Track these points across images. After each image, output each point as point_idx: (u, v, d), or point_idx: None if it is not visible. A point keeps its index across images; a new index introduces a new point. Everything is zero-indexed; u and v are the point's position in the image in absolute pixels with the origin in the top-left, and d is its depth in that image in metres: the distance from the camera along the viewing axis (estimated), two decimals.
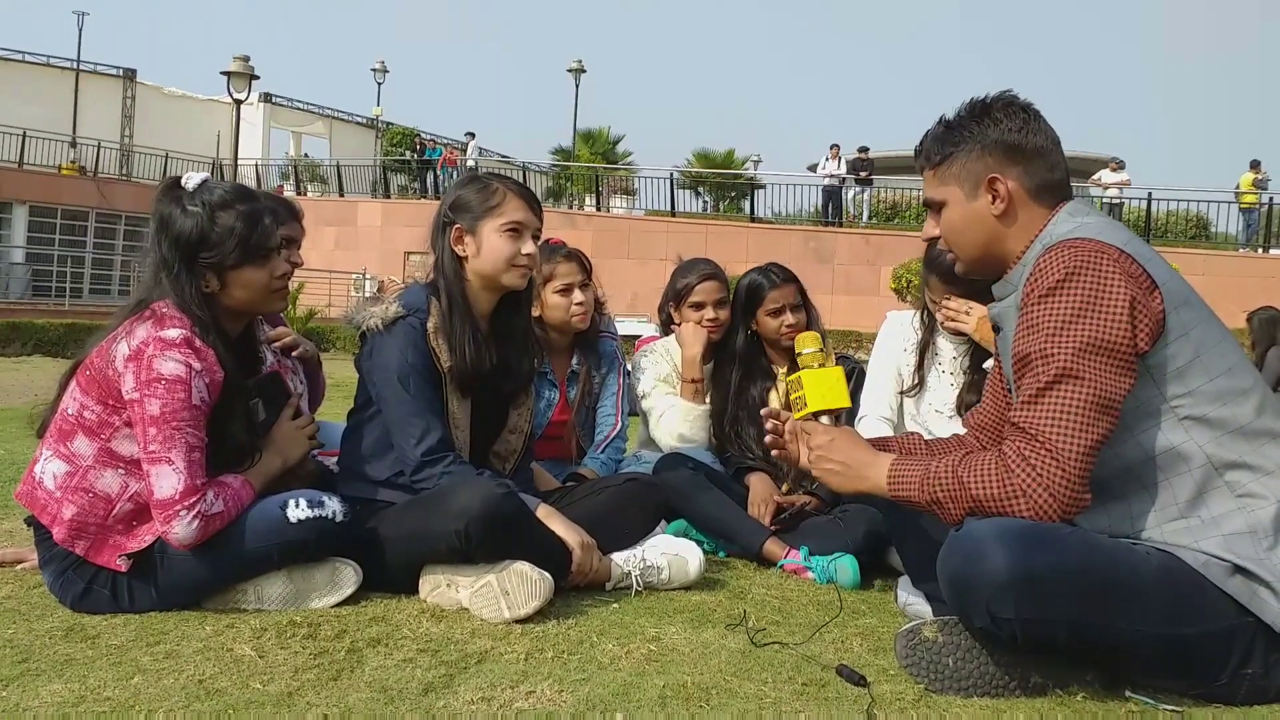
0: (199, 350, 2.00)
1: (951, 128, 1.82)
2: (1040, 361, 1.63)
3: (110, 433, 2.01)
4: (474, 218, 2.33)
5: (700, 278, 3.13)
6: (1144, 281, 1.64)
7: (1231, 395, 1.65)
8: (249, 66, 19.05)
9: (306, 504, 2.06)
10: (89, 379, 2.03)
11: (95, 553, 2.02)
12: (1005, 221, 1.79)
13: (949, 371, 2.80)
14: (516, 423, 2.50)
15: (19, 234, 23.72)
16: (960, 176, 1.80)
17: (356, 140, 30.18)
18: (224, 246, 2.07)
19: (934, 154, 1.84)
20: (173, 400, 1.95)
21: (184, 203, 2.08)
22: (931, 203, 1.87)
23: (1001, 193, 1.77)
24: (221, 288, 2.11)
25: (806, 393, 1.94)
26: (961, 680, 1.68)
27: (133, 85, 28.32)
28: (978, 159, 1.78)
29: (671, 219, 21.23)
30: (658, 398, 3.13)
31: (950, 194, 1.82)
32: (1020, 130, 1.77)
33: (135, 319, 2.03)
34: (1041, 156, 1.78)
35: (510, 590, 2.04)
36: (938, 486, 1.70)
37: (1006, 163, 1.77)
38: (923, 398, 2.82)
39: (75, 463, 2.02)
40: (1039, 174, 1.78)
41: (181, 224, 2.07)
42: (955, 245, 1.87)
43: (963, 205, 1.81)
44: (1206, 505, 1.64)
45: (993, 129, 1.78)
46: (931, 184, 1.86)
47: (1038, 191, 1.78)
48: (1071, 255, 1.64)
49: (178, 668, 1.73)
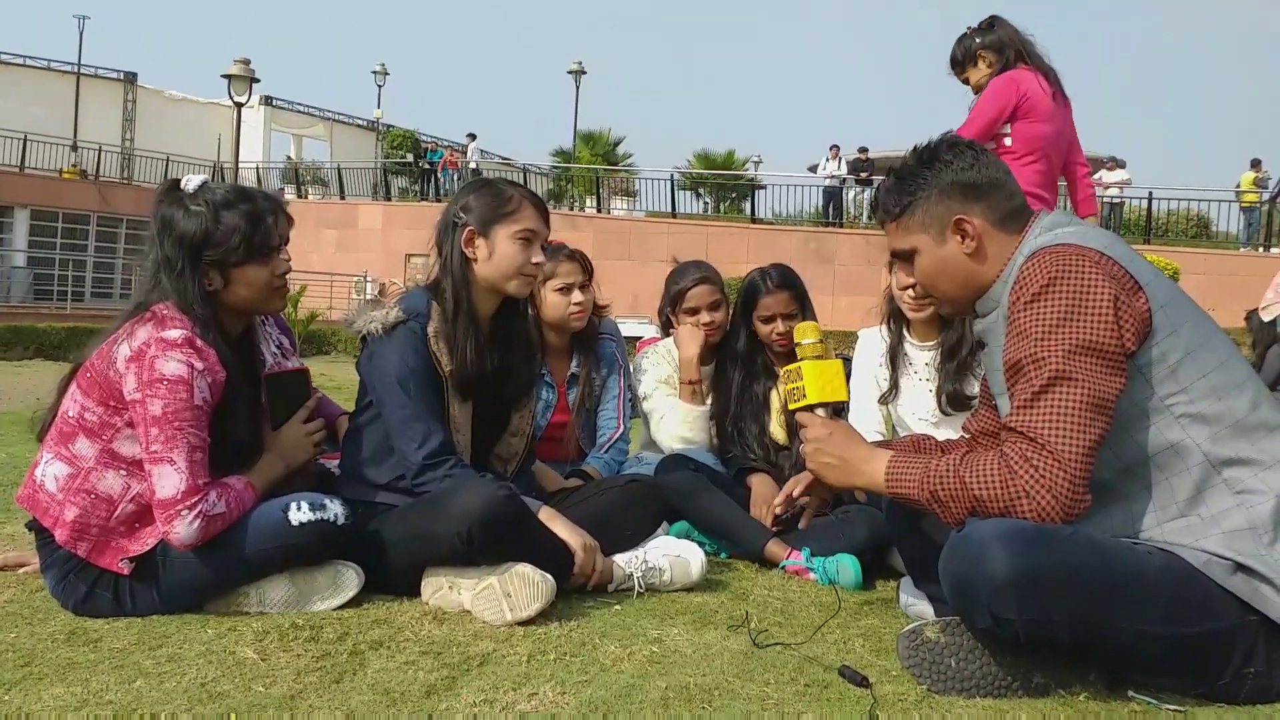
0: (200, 350, 2.01)
1: (904, 178, 1.84)
2: (1032, 366, 1.64)
3: (112, 434, 2.02)
4: (488, 221, 2.33)
5: (693, 282, 3.13)
6: (1127, 282, 1.65)
7: (1226, 390, 1.65)
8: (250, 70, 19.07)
9: (309, 506, 2.06)
10: (90, 381, 2.03)
11: (97, 555, 2.02)
12: (978, 259, 1.81)
13: (924, 379, 2.84)
14: (518, 425, 2.50)
15: (20, 237, 23.77)
16: (925, 223, 1.82)
17: (357, 143, 30.22)
18: (228, 244, 2.08)
19: (892, 206, 1.86)
20: (175, 400, 1.95)
21: (186, 203, 2.10)
22: (900, 253, 1.89)
23: (970, 231, 1.79)
24: (225, 285, 2.11)
25: (806, 384, 1.94)
26: (964, 681, 1.68)
27: (134, 89, 28.38)
28: (938, 203, 1.81)
29: (672, 220, 21.24)
30: (658, 399, 3.13)
31: (919, 242, 1.84)
32: (972, 167, 1.80)
33: (136, 321, 2.04)
34: (998, 188, 1.81)
35: (512, 592, 2.04)
36: (938, 485, 1.70)
37: (967, 201, 1.80)
38: (900, 404, 2.86)
39: (77, 464, 2.02)
40: (1000, 205, 1.80)
41: (185, 224, 2.08)
42: (935, 290, 1.89)
43: (934, 251, 1.83)
44: (1206, 503, 1.64)
45: (945, 171, 1.80)
46: (897, 236, 1.87)
47: (1002, 222, 1.81)
48: (1053, 261, 1.65)
49: (180, 671, 1.73)
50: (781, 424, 3.04)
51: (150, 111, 28.18)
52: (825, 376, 1.94)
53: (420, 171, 25.90)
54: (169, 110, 28.55)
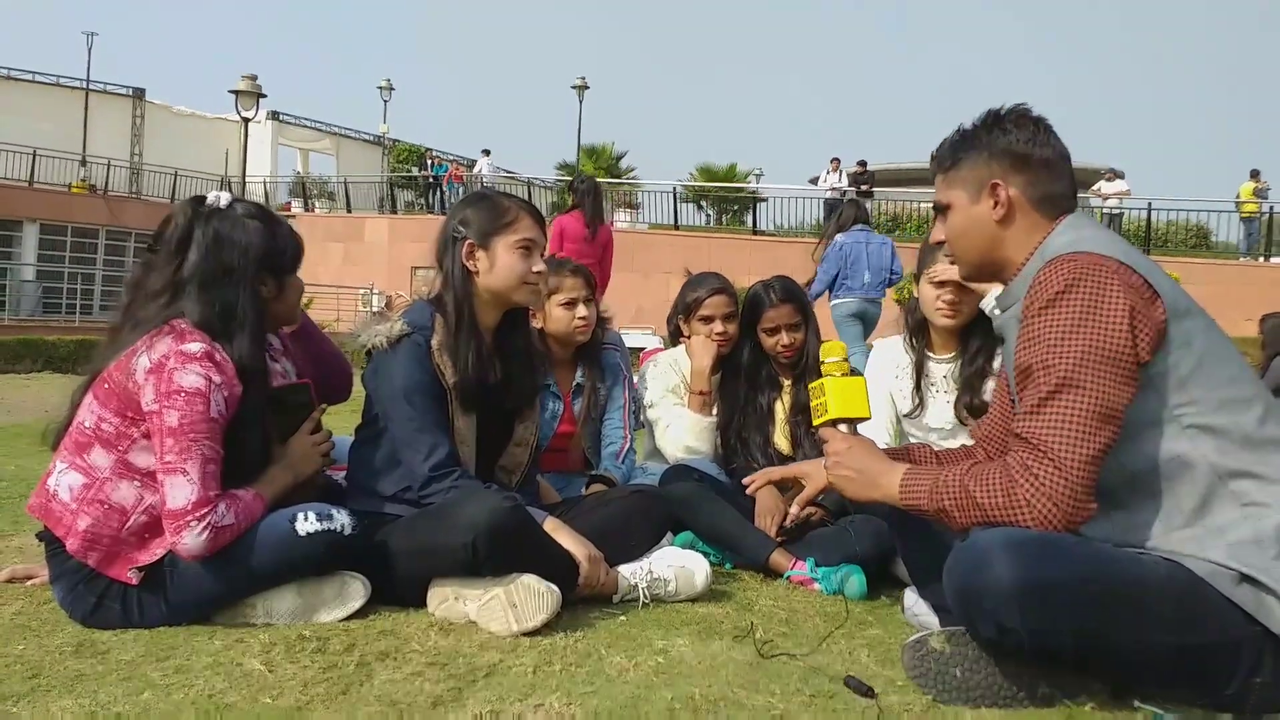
0: (219, 364, 2.04)
1: (965, 135, 1.88)
2: (1041, 372, 1.64)
3: (128, 445, 2.03)
4: (487, 234, 2.35)
5: (710, 291, 3.15)
6: (1145, 291, 1.65)
7: (1235, 404, 1.65)
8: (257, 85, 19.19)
9: (315, 517, 2.07)
10: (107, 392, 2.05)
11: (107, 565, 2.03)
12: (1004, 226, 1.83)
13: (942, 390, 2.84)
14: (522, 436, 2.50)
15: (29, 252, 23.83)
16: (967, 180, 1.86)
17: (363, 157, 30.29)
18: (288, 253, 2.20)
19: (945, 159, 1.90)
20: (191, 412, 1.98)
21: (239, 217, 2.15)
22: (939, 206, 1.92)
23: (1002, 198, 1.81)
24: (279, 294, 2.20)
25: (829, 399, 1.95)
26: (969, 691, 1.67)
27: (141, 104, 28.50)
28: (984, 165, 1.83)
29: (675, 232, 21.26)
30: (664, 409, 3.14)
31: (956, 197, 1.88)
32: (1028, 141, 1.82)
33: (155, 334, 2.06)
34: (1047, 168, 1.82)
35: (518, 603, 2.04)
36: (945, 495, 1.71)
37: (1011, 171, 1.82)
38: (922, 418, 2.85)
39: (92, 475, 2.04)
40: (1042, 185, 1.81)
41: (245, 236, 2.13)
42: (957, 249, 1.92)
43: (965, 209, 1.86)
44: (1212, 514, 1.64)
45: (1001, 138, 1.83)
46: (941, 188, 1.92)
47: (1039, 202, 1.81)
48: (1071, 268, 1.66)
49: (188, 683, 1.74)
50: (785, 435, 3.05)
51: (158, 127, 28.28)
52: (848, 392, 1.95)
53: (426, 185, 25.98)
54: (177, 125, 28.65)
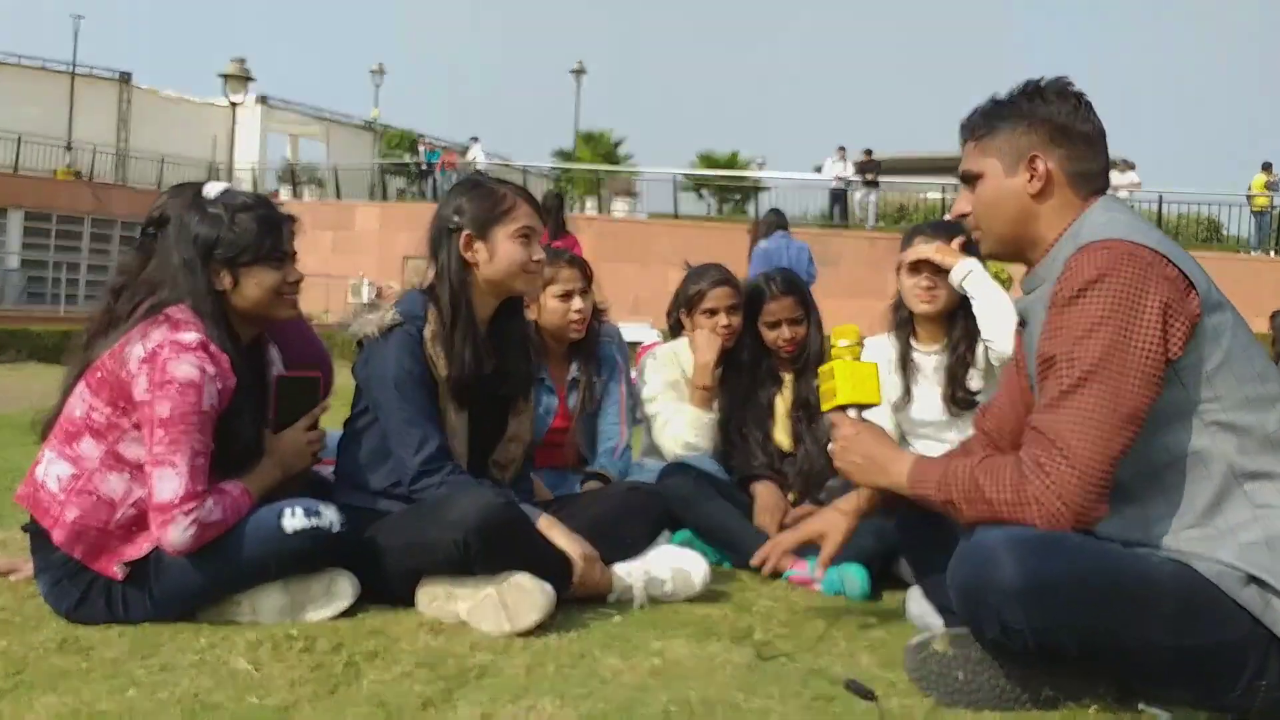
0: (214, 355, 2.03)
1: (1001, 104, 1.83)
2: (1065, 365, 1.60)
3: (118, 435, 2.02)
4: (485, 223, 2.31)
5: (713, 284, 3.10)
6: (1180, 284, 1.61)
7: (1259, 402, 1.63)
8: (245, 69, 19.09)
9: (303, 513, 2.05)
10: (100, 381, 2.04)
11: (93, 558, 2.01)
12: (1039, 200, 1.78)
13: (933, 383, 2.85)
14: (517, 430, 2.47)
15: (14, 239, 23.65)
16: (1002, 150, 1.80)
17: (354, 143, 30.14)
18: (238, 242, 2.13)
19: (979, 127, 1.84)
20: (183, 403, 1.96)
21: (205, 207, 2.15)
22: (969, 175, 1.86)
23: (1040, 171, 1.77)
24: (234, 285, 2.14)
25: (838, 383, 1.91)
26: (972, 694, 1.65)
27: (128, 88, 28.26)
28: (1023, 135, 1.78)
29: (675, 222, 21.20)
30: (664, 403, 3.09)
31: (989, 166, 1.82)
32: (1070, 114, 1.78)
33: (149, 323, 2.05)
34: (1086, 143, 1.78)
35: (510, 602, 2.02)
36: (953, 486, 1.69)
37: (1050, 143, 1.77)
38: (909, 411, 2.87)
39: (81, 465, 2.02)
40: (1080, 161, 1.78)
41: (199, 226, 2.13)
42: (986, 220, 1.86)
43: (999, 179, 1.81)
44: (1223, 514, 1.62)
45: (1043, 108, 1.78)
46: (972, 156, 1.86)
47: (1075, 178, 1.78)
48: (1104, 257, 1.61)
49: (173, 681, 1.72)
50: (786, 430, 3.02)
51: (145, 112, 28.03)
52: (858, 377, 1.91)
53: (417, 172, 25.87)
54: (164, 110, 28.41)
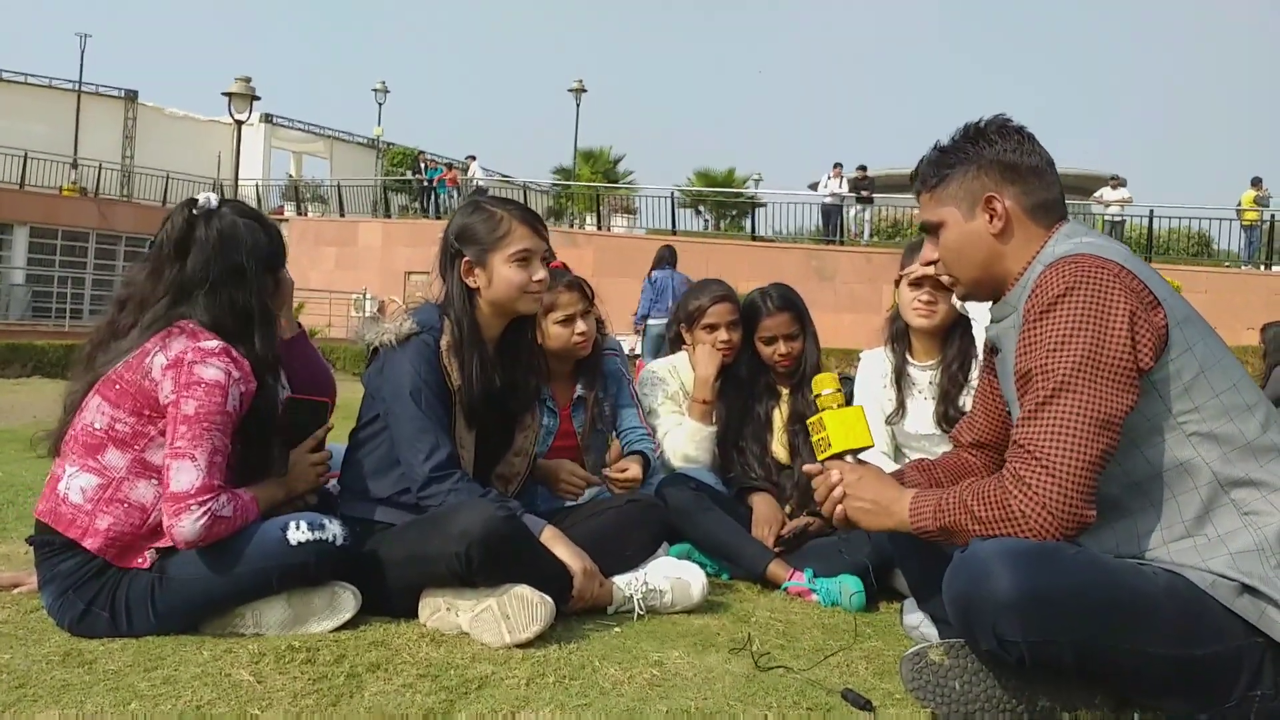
0: (236, 360, 2.06)
1: (947, 151, 1.85)
2: (1041, 377, 1.63)
3: (145, 443, 2.04)
4: (482, 250, 2.33)
5: (713, 299, 3.12)
6: (1146, 296, 1.64)
7: (1237, 411, 1.64)
8: (250, 87, 19.11)
9: (307, 526, 2.05)
10: (119, 392, 2.05)
11: (123, 559, 2.04)
12: (1003, 240, 1.80)
13: (927, 397, 2.86)
14: (522, 445, 2.49)
15: (19, 255, 23.76)
16: (957, 196, 1.82)
17: (357, 160, 30.23)
18: (280, 250, 2.22)
19: (930, 177, 1.86)
20: (209, 402, 1.99)
21: (233, 217, 2.15)
22: (929, 225, 1.88)
23: (999, 211, 1.79)
24: (275, 290, 2.21)
25: (830, 433, 1.93)
26: (968, 704, 1.66)
27: (134, 106, 28.42)
28: (974, 178, 1.81)
29: (673, 237, 21.24)
30: (664, 417, 3.11)
31: (947, 215, 1.84)
32: (1016, 150, 1.80)
33: (165, 335, 2.07)
34: (1037, 176, 1.80)
35: (511, 614, 2.03)
36: (946, 515, 1.70)
37: (1003, 181, 1.79)
38: (903, 424, 2.88)
39: (107, 475, 2.03)
40: (1035, 193, 1.80)
41: (249, 235, 2.14)
42: (954, 266, 1.88)
43: (960, 225, 1.83)
44: (1213, 523, 1.63)
45: (988, 149, 1.80)
46: (929, 207, 1.87)
47: (1034, 210, 1.80)
48: (1071, 271, 1.64)
49: (175, 693, 1.72)
50: (783, 444, 3.04)
51: (150, 129, 28.20)
52: (848, 424, 1.93)
53: (420, 189, 25.94)
54: (169, 127, 28.56)
